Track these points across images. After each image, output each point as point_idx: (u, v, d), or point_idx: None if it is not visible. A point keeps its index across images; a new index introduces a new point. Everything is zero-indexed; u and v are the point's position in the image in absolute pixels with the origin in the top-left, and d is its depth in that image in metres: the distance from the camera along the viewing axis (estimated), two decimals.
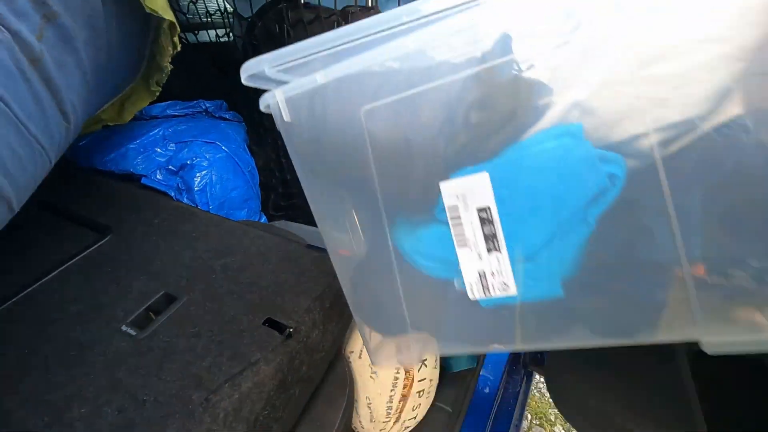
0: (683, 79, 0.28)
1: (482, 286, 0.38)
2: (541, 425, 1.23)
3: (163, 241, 0.70)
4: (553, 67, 0.31)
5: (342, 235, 0.43)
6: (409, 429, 0.77)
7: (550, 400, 1.28)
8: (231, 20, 1.22)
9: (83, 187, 0.83)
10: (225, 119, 1.03)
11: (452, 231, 0.38)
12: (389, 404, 0.71)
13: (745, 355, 0.53)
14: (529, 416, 1.25)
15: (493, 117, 0.34)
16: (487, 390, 0.87)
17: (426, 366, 0.74)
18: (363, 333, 0.45)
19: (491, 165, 0.35)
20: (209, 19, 1.26)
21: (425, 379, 0.74)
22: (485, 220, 0.36)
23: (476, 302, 0.39)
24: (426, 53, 0.34)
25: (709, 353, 0.30)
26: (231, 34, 1.25)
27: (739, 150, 0.28)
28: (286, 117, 0.40)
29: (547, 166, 0.34)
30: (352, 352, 0.73)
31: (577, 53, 0.30)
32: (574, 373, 0.72)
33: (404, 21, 0.32)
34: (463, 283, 0.38)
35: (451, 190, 0.37)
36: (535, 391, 1.32)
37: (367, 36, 0.34)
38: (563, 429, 1.22)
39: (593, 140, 0.32)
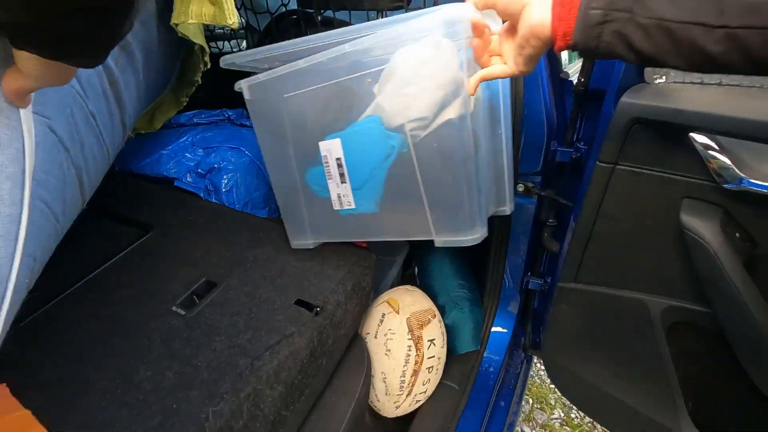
0: (419, 96, 0.55)
1: (339, 202, 0.68)
2: (541, 409, 1.31)
3: (199, 236, 0.79)
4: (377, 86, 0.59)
5: (281, 174, 0.73)
6: (420, 403, 0.85)
7: (551, 386, 1.36)
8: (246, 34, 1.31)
9: (124, 190, 0.92)
10: (246, 126, 1.12)
11: (325, 170, 0.67)
12: (402, 378, 0.79)
13: (710, 327, 0.61)
14: (531, 400, 1.33)
15: (344, 107, 0.62)
16: (490, 370, 0.95)
17: (434, 345, 0.83)
18: (288, 229, 0.76)
19: (341, 134, 0.64)
20: (231, 31, 1.35)
21: (434, 356, 0.82)
22: (339, 165, 0.65)
23: (338, 211, 0.69)
24: (323, 65, 0.60)
25: (437, 245, 0.62)
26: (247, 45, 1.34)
27: (451, 136, 0.56)
28: (248, 96, 0.70)
29: (364, 138, 0.62)
30: (368, 333, 0.82)
31: (382, 81, 0.58)
32: (566, 352, 0.81)
33: (321, 43, 0.62)
34: (331, 200, 0.68)
35: (324, 147, 0.66)
36: (536, 377, 1.40)
37: (301, 48, 0.63)
38: (562, 412, 1.30)
39: (385, 125, 0.59)
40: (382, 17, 0.88)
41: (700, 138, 0.53)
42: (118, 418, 0.50)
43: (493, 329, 0.99)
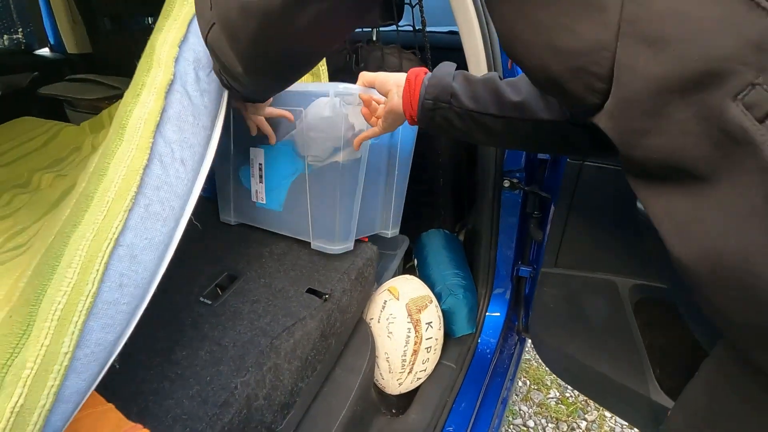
0: (317, 140, 0.75)
1: (256, 195, 0.87)
2: (538, 389, 1.40)
3: (220, 235, 0.89)
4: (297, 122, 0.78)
5: (223, 162, 0.90)
6: (421, 380, 0.94)
7: (547, 368, 1.45)
8: None
9: None
10: None
11: (250, 169, 0.86)
12: (403, 357, 0.88)
13: (670, 301, 0.69)
14: (528, 382, 1.42)
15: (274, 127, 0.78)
16: (486, 351, 1.04)
17: (431, 328, 0.92)
18: (219, 206, 0.95)
19: (265, 147, 0.83)
20: None
21: (432, 338, 0.91)
22: (260, 168, 0.84)
23: (255, 203, 0.88)
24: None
25: (312, 247, 0.84)
26: None
27: (335, 174, 0.76)
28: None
29: (280, 155, 0.81)
30: (372, 318, 0.91)
31: (300, 118, 0.76)
32: (550, 329, 0.90)
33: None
34: (251, 192, 0.88)
35: (252, 152, 0.85)
36: (533, 361, 1.49)
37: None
38: (557, 392, 1.39)
39: (296, 150, 0.80)
40: (376, 32, 0.97)
41: None
42: (162, 389, 0.60)
43: (488, 314, 1.08)
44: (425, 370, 0.93)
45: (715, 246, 0.29)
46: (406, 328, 0.87)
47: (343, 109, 0.72)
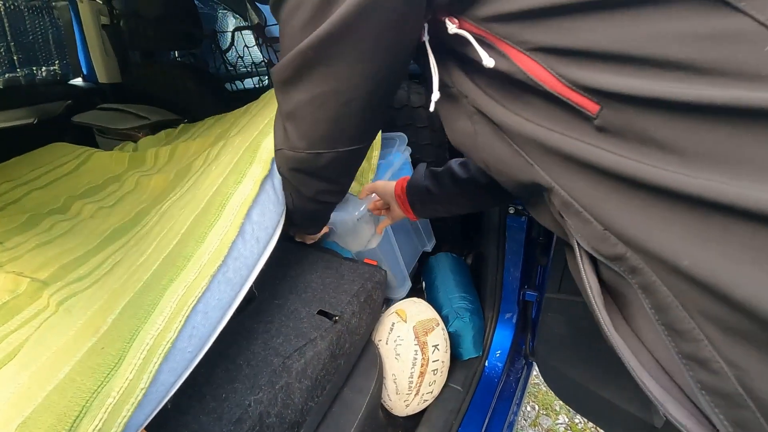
0: (355, 238, 0.94)
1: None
2: (547, 414, 1.39)
3: None
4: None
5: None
6: (428, 402, 0.96)
7: None
8: (267, 69, 1.49)
9: None
10: None
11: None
12: (410, 379, 0.90)
13: None
14: (537, 407, 1.41)
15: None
16: (492, 374, 1.05)
17: (438, 350, 0.94)
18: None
19: None
20: (254, 69, 1.53)
21: (438, 360, 0.93)
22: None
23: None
24: None
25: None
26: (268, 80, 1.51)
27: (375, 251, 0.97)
28: None
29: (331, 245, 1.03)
30: (380, 340, 0.94)
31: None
32: (555, 354, 0.91)
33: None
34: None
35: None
36: (541, 386, 1.48)
37: None
38: (567, 417, 1.38)
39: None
40: None
41: None
42: (180, 404, 0.63)
43: (495, 337, 1.10)
44: (432, 392, 0.94)
45: None
46: (413, 350, 0.90)
47: (364, 224, 0.91)
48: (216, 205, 0.60)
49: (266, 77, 1.54)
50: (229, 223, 0.57)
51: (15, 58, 1.35)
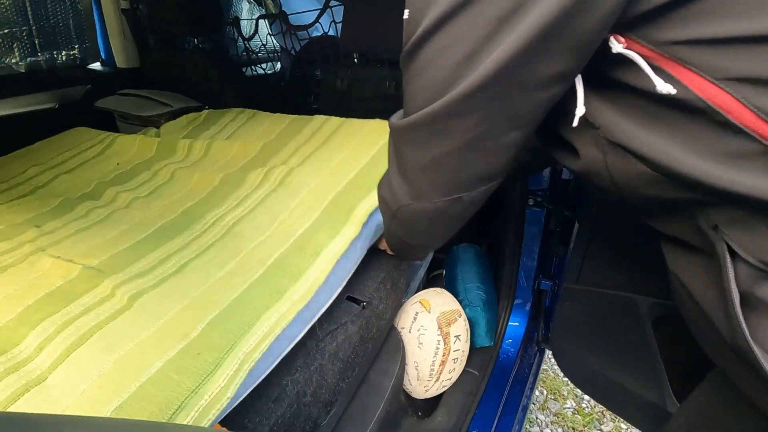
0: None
1: None
2: (555, 399, 1.44)
3: None
4: None
5: None
6: (446, 387, 0.99)
7: (564, 379, 1.48)
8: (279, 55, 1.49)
9: None
10: None
11: None
12: (432, 367, 0.94)
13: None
14: (545, 392, 1.46)
15: None
16: (507, 360, 1.09)
17: (459, 340, 0.97)
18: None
19: None
20: (275, 56, 1.51)
21: (459, 350, 0.97)
22: None
23: None
24: None
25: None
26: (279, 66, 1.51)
27: None
28: None
29: None
30: (404, 327, 0.97)
31: None
32: (570, 340, 0.95)
33: None
34: None
35: None
36: (550, 371, 1.53)
37: None
38: (574, 402, 1.42)
39: None
40: None
41: None
42: None
43: (509, 324, 1.14)
44: (451, 379, 0.98)
45: None
46: (436, 339, 0.93)
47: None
48: (309, 251, 0.71)
49: (278, 63, 1.54)
50: (319, 272, 0.68)
51: (36, 42, 1.36)
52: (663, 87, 0.33)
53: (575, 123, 0.39)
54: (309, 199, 0.82)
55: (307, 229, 0.75)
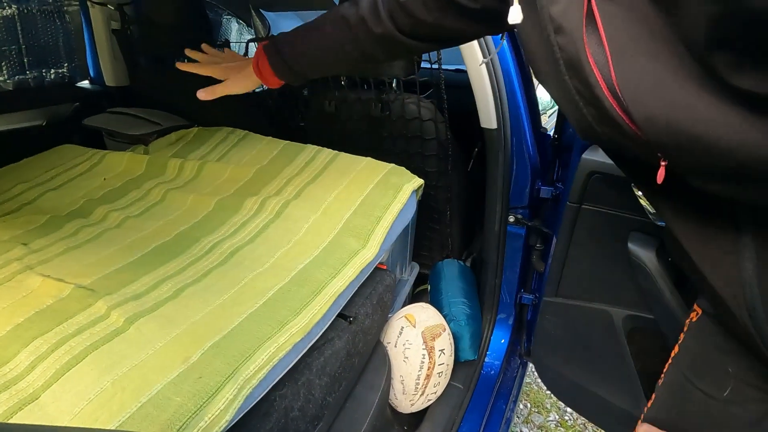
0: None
1: None
2: (539, 412, 1.46)
3: None
4: None
5: None
6: (431, 401, 1.01)
7: (547, 392, 1.51)
8: None
9: None
10: None
11: None
12: (417, 381, 0.96)
13: (659, 330, 0.78)
14: (529, 405, 1.48)
15: None
16: (491, 373, 1.11)
17: (444, 354, 1.00)
18: None
19: None
20: None
21: (443, 363, 0.99)
22: None
23: None
24: None
25: None
26: None
27: None
28: None
29: None
30: (389, 342, 0.99)
31: None
32: (551, 353, 0.98)
33: None
34: None
35: None
36: (533, 384, 1.56)
37: None
38: (557, 415, 1.45)
39: None
40: (397, 82, 1.09)
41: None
42: None
43: (493, 338, 1.17)
44: (436, 393, 1.00)
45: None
46: (421, 354, 0.95)
47: None
48: (310, 287, 0.74)
49: None
50: (318, 309, 0.71)
51: (25, 60, 1.37)
52: None
53: None
54: (308, 238, 0.84)
55: (306, 266, 0.78)
